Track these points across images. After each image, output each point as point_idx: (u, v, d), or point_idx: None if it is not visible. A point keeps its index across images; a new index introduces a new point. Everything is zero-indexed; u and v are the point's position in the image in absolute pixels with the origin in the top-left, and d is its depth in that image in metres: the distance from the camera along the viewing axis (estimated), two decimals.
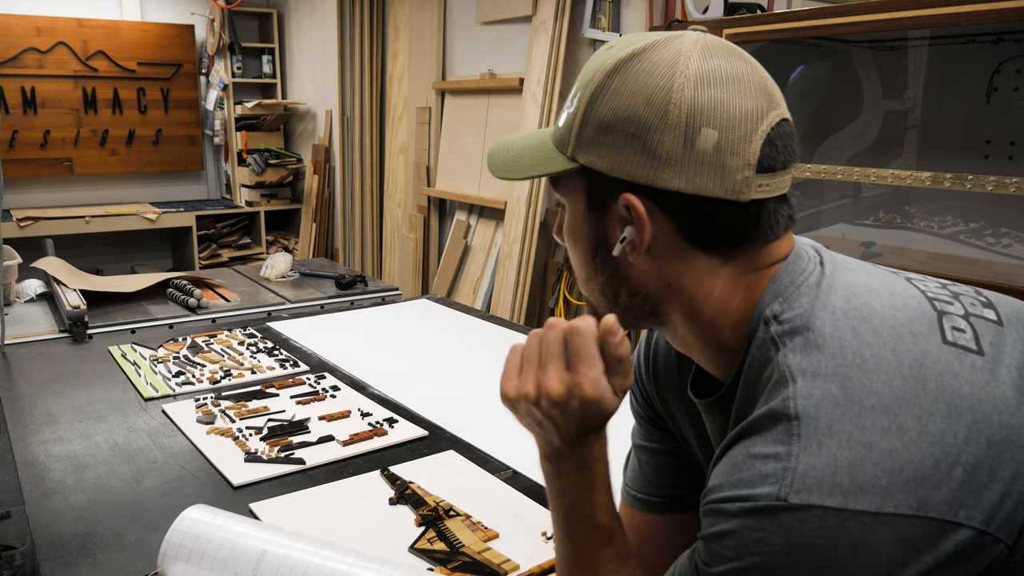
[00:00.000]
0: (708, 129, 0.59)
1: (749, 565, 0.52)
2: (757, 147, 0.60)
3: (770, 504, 0.52)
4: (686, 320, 0.66)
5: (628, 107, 0.61)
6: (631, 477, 0.85)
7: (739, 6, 2.50)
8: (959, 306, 0.60)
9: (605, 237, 0.65)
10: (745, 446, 0.56)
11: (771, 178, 0.61)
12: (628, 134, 0.61)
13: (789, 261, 0.64)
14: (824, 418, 0.53)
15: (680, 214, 0.61)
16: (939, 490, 0.50)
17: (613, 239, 0.65)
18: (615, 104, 0.61)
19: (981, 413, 0.53)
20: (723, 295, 0.64)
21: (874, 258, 2.29)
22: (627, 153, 0.61)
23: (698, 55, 0.61)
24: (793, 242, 0.66)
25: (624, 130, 0.61)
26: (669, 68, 0.60)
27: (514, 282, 3.63)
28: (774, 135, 0.61)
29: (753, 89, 0.61)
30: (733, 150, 0.59)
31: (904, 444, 0.51)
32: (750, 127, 0.60)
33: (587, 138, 0.63)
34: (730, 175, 0.60)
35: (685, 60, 0.60)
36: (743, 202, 0.60)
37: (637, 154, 0.61)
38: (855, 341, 0.56)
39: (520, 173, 0.69)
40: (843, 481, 0.51)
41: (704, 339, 0.67)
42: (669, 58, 0.61)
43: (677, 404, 0.79)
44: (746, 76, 0.61)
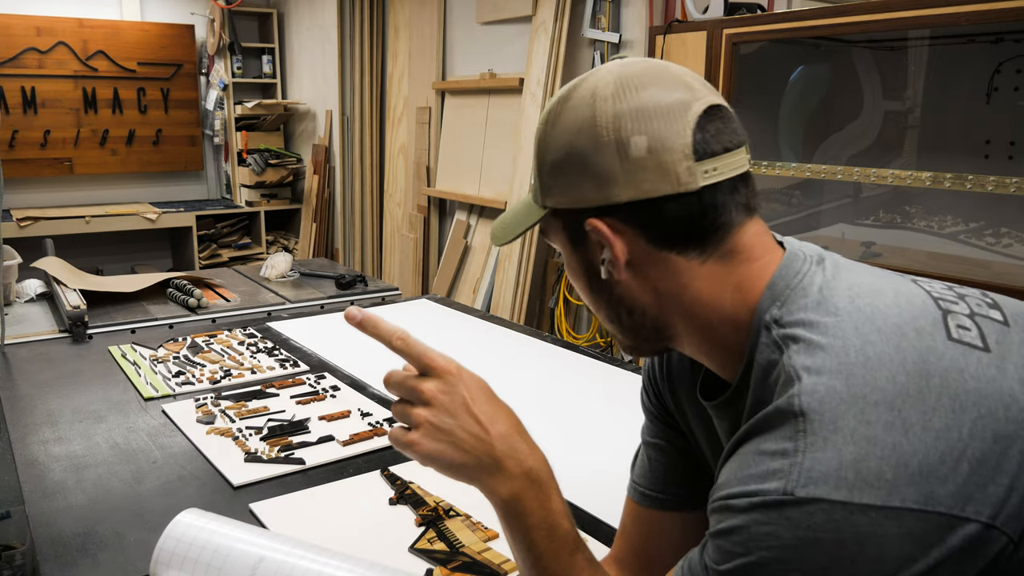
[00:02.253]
0: (636, 136, 0.62)
1: (758, 560, 0.53)
2: (688, 137, 0.62)
3: (777, 499, 0.52)
4: (686, 326, 0.68)
5: (566, 144, 0.66)
6: (639, 474, 0.85)
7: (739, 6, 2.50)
8: (964, 306, 0.61)
9: (592, 265, 0.69)
10: (753, 444, 0.57)
11: (715, 162, 0.63)
12: (574, 168, 0.65)
13: (783, 264, 0.64)
14: (829, 414, 0.53)
15: (641, 222, 0.64)
16: (945, 484, 0.51)
17: (598, 265, 0.68)
18: (556, 146, 0.67)
19: (986, 408, 0.53)
20: (712, 294, 0.65)
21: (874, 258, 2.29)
22: (578, 184, 0.65)
23: (612, 78, 0.65)
24: (770, 234, 0.68)
25: (570, 165, 0.66)
26: (589, 98, 0.65)
27: (514, 282, 3.63)
28: (704, 121, 0.63)
29: (670, 87, 0.64)
30: (665, 147, 0.62)
31: (909, 439, 0.52)
32: (675, 121, 0.63)
33: (547, 184, 0.68)
34: (671, 170, 0.62)
35: (602, 86, 0.65)
36: (695, 191, 0.62)
37: (586, 181, 0.65)
38: (858, 339, 0.56)
39: (511, 234, 0.74)
40: (848, 475, 0.51)
41: (707, 342, 0.67)
42: (588, 90, 0.66)
43: (688, 404, 0.79)
44: (660, 78, 0.65)
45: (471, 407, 0.68)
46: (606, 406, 1.56)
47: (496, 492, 0.69)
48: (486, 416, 0.69)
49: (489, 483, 0.69)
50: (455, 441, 0.68)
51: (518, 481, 0.68)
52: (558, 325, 3.56)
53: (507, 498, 0.69)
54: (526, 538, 0.69)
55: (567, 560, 0.69)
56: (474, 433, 0.68)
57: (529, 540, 0.69)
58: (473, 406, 0.68)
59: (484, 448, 0.68)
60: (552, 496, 0.70)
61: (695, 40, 2.44)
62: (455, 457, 0.68)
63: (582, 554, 0.70)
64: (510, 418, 0.71)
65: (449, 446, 0.68)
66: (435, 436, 0.68)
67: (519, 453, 0.69)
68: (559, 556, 0.69)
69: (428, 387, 0.69)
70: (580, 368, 1.79)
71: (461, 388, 0.69)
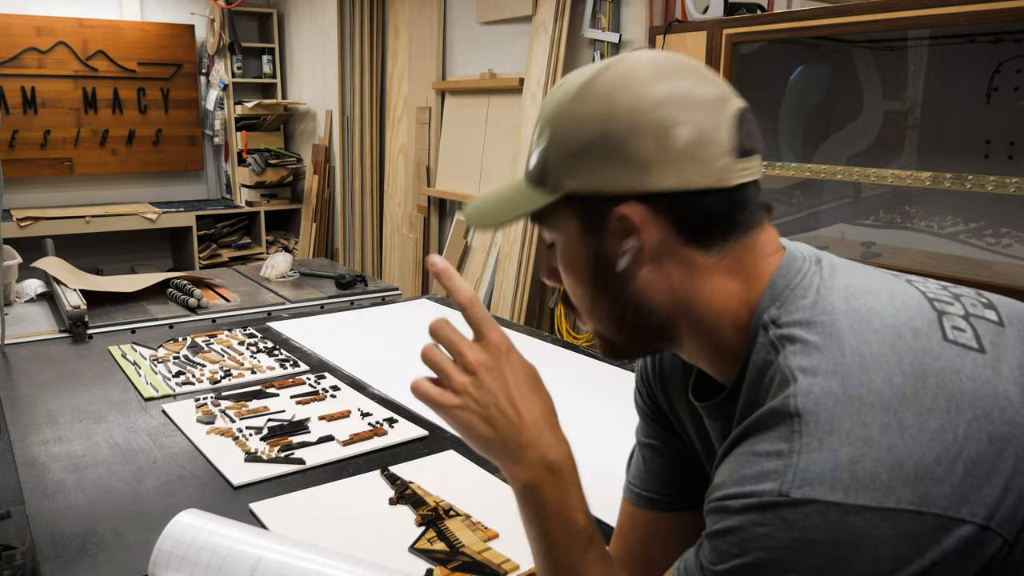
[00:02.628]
0: (680, 126, 0.61)
1: (754, 561, 0.53)
2: (728, 133, 0.62)
3: (772, 499, 0.52)
4: (691, 328, 0.67)
5: (597, 126, 0.63)
6: (635, 474, 0.85)
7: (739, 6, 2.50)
8: (959, 306, 0.61)
9: (605, 257, 0.66)
10: (748, 445, 0.56)
11: (748, 162, 0.63)
12: (605, 151, 0.62)
13: (783, 263, 0.64)
14: (825, 415, 0.53)
15: (675, 212, 0.62)
16: (940, 486, 0.51)
17: (614, 257, 0.65)
18: (584, 127, 0.63)
19: (982, 409, 0.53)
20: (723, 296, 0.64)
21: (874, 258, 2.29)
22: (609, 168, 0.62)
23: (646, 63, 0.64)
24: (778, 237, 0.68)
25: (600, 148, 0.62)
26: (623, 81, 0.63)
27: (514, 282, 3.63)
28: (740, 120, 0.63)
29: (704, 81, 0.64)
30: (708, 140, 0.61)
31: (904, 440, 0.52)
32: (716, 116, 0.62)
33: (565, 165, 0.64)
34: (712, 164, 0.61)
35: (636, 70, 0.63)
36: (729, 188, 0.62)
37: (619, 166, 0.62)
38: (854, 340, 0.56)
39: (503, 217, 0.69)
40: (843, 476, 0.51)
41: (708, 344, 0.67)
42: (622, 73, 0.63)
43: (681, 404, 0.79)
44: (696, 75, 0.64)
45: (511, 389, 0.69)
46: (606, 406, 1.56)
47: (515, 476, 0.70)
48: (523, 401, 0.69)
49: (510, 466, 0.69)
50: (488, 417, 0.68)
51: (537, 470, 0.69)
52: (558, 325, 3.56)
53: (525, 484, 0.69)
54: (541, 527, 0.70)
55: (580, 554, 0.69)
56: (507, 415, 0.68)
57: (544, 529, 0.70)
58: (513, 389, 0.69)
59: (512, 431, 0.68)
60: (571, 490, 0.70)
61: (695, 40, 2.44)
62: (484, 431, 0.68)
63: (596, 550, 0.70)
64: (546, 408, 0.71)
65: (481, 420, 0.68)
66: (471, 407, 0.68)
67: (544, 443, 0.69)
68: (572, 549, 0.69)
69: (476, 357, 0.69)
70: (580, 368, 1.79)
71: (506, 368, 0.69)
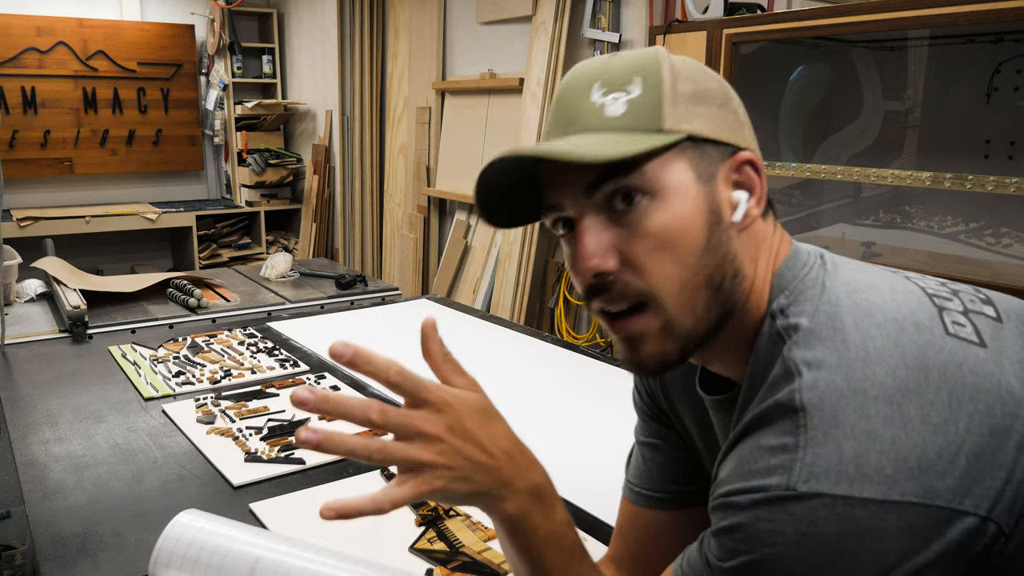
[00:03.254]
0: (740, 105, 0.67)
1: (762, 557, 0.53)
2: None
3: (779, 494, 0.52)
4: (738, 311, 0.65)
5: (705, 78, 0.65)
6: (634, 473, 0.85)
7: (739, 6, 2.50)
8: (958, 302, 0.61)
9: (720, 210, 0.63)
10: (753, 440, 0.57)
11: None
12: (719, 101, 0.65)
13: (790, 256, 0.65)
14: (829, 409, 0.53)
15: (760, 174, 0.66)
16: (944, 479, 0.51)
17: (727, 209, 0.63)
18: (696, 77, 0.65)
19: (984, 403, 0.53)
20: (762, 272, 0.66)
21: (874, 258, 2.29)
22: (722, 119, 0.65)
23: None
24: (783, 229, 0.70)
25: (715, 98, 0.65)
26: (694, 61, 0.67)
27: (514, 282, 3.63)
28: None
29: None
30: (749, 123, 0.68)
31: (908, 433, 0.52)
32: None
33: (682, 110, 0.62)
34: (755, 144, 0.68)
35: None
36: None
37: (731, 119, 0.65)
38: (858, 335, 0.56)
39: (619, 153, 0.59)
40: (849, 470, 0.51)
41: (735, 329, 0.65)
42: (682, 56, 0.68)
43: (682, 401, 0.79)
44: None
45: (475, 436, 0.63)
46: (606, 406, 1.56)
47: (503, 511, 0.65)
48: (490, 440, 0.64)
49: (496, 504, 0.65)
50: (465, 476, 0.62)
51: (524, 498, 0.66)
52: (558, 325, 3.56)
53: (514, 516, 0.66)
54: (533, 552, 0.67)
55: (575, 571, 0.68)
56: (481, 463, 0.63)
57: (536, 554, 0.67)
58: (477, 434, 0.63)
59: (493, 475, 0.64)
60: (556, 508, 0.68)
61: (695, 40, 2.44)
62: (465, 488, 0.63)
63: (586, 561, 0.70)
64: (508, 435, 0.67)
65: (460, 481, 0.62)
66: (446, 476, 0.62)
67: (523, 470, 0.66)
68: (567, 569, 0.68)
69: (434, 426, 0.61)
70: (580, 368, 1.79)
71: (463, 417, 0.63)
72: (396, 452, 0.60)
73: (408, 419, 0.61)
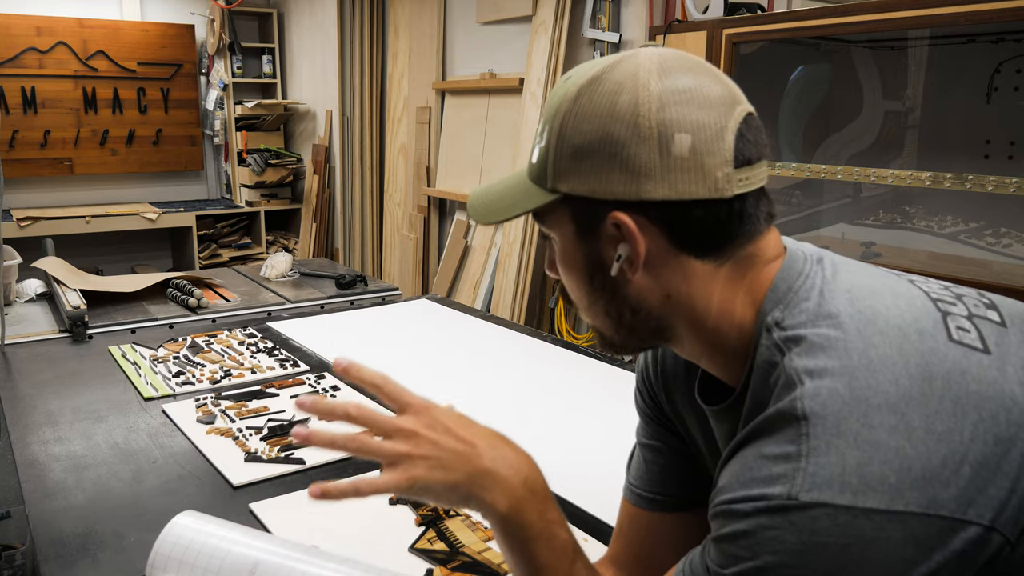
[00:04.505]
0: (681, 134, 0.60)
1: (764, 564, 0.53)
2: (731, 143, 0.61)
3: (782, 503, 0.52)
4: (691, 331, 0.66)
5: (598, 128, 0.61)
6: (635, 475, 0.85)
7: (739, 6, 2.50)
8: (962, 307, 0.61)
9: (600, 260, 0.65)
10: (755, 448, 0.56)
11: (750, 171, 0.62)
12: (604, 154, 0.61)
13: (784, 266, 0.64)
14: (832, 418, 0.53)
15: (669, 222, 0.62)
16: (948, 488, 0.51)
17: (608, 260, 0.65)
18: (585, 128, 0.62)
19: (988, 411, 0.53)
20: (723, 300, 0.64)
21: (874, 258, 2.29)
22: (606, 173, 0.61)
23: (655, 66, 0.62)
24: (781, 241, 0.67)
25: (600, 151, 0.61)
26: (631, 83, 0.61)
27: (514, 282, 3.63)
28: (744, 129, 0.62)
29: (715, 87, 0.62)
30: (708, 149, 0.60)
31: (912, 443, 0.52)
32: (720, 124, 0.61)
33: (564, 167, 0.64)
34: (710, 174, 0.60)
35: (644, 73, 0.61)
36: (727, 199, 0.61)
37: (616, 172, 0.61)
38: (860, 342, 0.56)
39: (503, 215, 0.69)
40: (852, 480, 0.51)
41: (711, 347, 0.66)
42: (629, 74, 0.62)
43: (684, 404, 0.79)
44: (706, 75, 0.63)
45: (451, 429, 0.67)
46: (606, 406, 1.56)
47: (495, 506, 0.66)
48: (467, 432, 0.67)
49: (486, 498, 0.66)
50: (441, 463, 0.65)
51: (517, 491, 0.66)
52: (558, 325, 3.56)
53: (507, 511, 0.66)
54: (526, 551, 0.67)
55: (567, 570, 0.68)
56: (458, 451, 0.65)
57: (529, 552, 0.67)
58: (454, 427, 0.67)
59: (473, 462, 0.65)
60: (549, 506, 0.68)
61: (695, 40, 2.44)
62: (443, 478, 0.64)
63: (581, 561, 0.70)
64: (492, 433, 0.69)
65: (436, 470, 0.64)
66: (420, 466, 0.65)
67: (509, 460, 0.67)
68: (559, 567, 0.68)
69: (405, 422, 0.66)
70: (580, 368, 1.79)
71: (440, 416, 0.68)
72: (371, 444, 0.66)
73: (387, 418, 0.67)
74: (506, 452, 0.68)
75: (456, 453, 0.66)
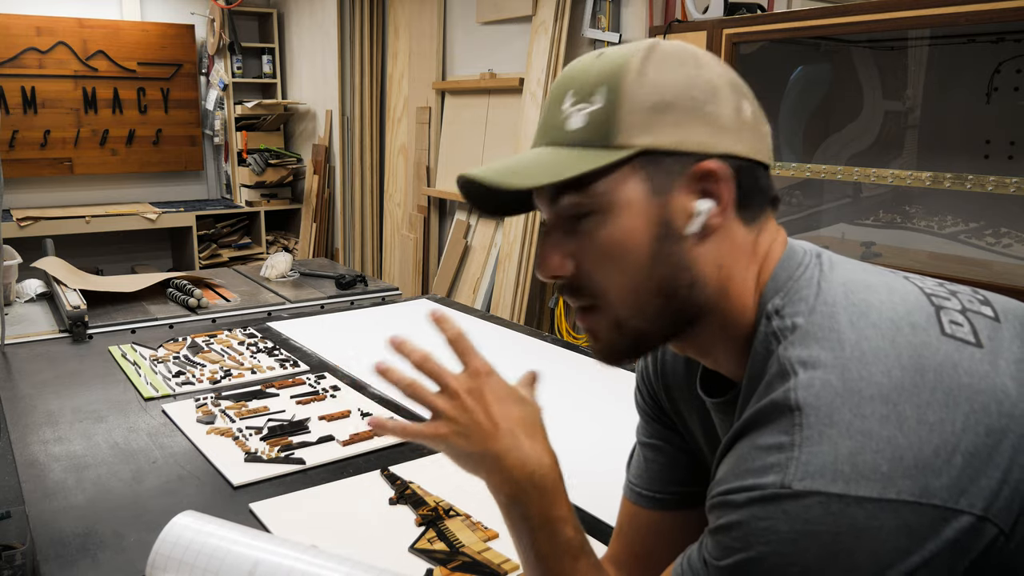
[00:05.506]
0: (745, 100, 0.64)
1: (757, 555, 0.53)
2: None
3: (774, 492, 0.52)
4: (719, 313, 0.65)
5: (679, 83, 0.62)
6: (636, 474, 0.85)
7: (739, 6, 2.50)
8: (956, 302, 0.61)
9: (673, 219, 0.62)
10: (750, 439, 0.57)
11: None
12: (686, 109, 0.62)
13: (785, 256, 0.65)
14: (825, 408, 0.53)
15: (743, 180, 0.63)
16: (940, 477, 0.51)
17: (681, 221, 0.62)
18: (664, 83, 0.62)
19: (979, 403, 0.53)
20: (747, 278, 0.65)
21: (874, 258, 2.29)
22: (690, 125, 0.62)
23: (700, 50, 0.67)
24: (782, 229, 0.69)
25: (682, 106, 0.62)
26: (692, 54, 0.65)
27: (514, 282, 3.63)
28: None
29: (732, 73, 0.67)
30: (763, 119, 0.66)
31: (903, 432, 0.52)
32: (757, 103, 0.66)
33: (640, 121, 0.62)
34: (766, 141, 0.65)
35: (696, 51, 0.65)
36: (769, 166, 0.66)
37: (700, 125, 0.62)
38: (854, 335, 0.56)
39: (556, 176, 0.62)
40: (844, 468, 0.51)
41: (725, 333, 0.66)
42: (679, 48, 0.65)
43: (684, 401, 0.79)
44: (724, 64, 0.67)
45: (489, 404, 0.70)
46: (606, 406, 1.56)
47: (498, 488, 0.70)
48: (501, 413, 0.70)
49: (491, 479, 0.70)
50: (466, 432, 0.70)
51: (519, 483, 0.69)
52: (558, 325, 3.56)
53: (507, 498, 0.70)
54: (527, 538, 0.70)
55: (570, 564, 0.69)
56: (483, 427, 0.69)
57: (531, 540, 0.70)
58: (492, 404, 0.71)
59: (488, 442, 0.69)
60: (556, 503, 0.70)
61: (695, 40, 2.44)
62: (461, 445, 0.70)
63: (587, 560, 0.70)
64: (527, 419, 0.72)
65: (459, 436, 0.70)
66: (451, 427, 0.70)
67: (522, 452, 0.69)
68: (562, 560, 0.69)
69: (458, 382, 0.71)
70: (580, 368, 1.79)
71: (485, 387, 0.71)
72: (422, 392, 0.72)
73: (445, 372, 0.72)
74: (524, 443, 0.70)
75: (477, 427, 0.70)
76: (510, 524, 0.71)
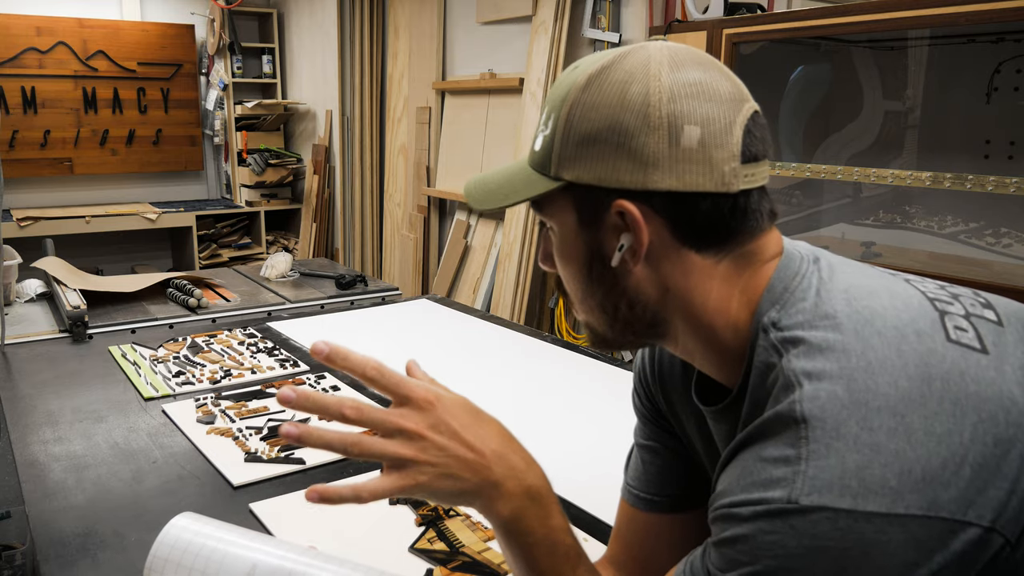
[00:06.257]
0: (690, 126, 0.60)
1: (764, 569, 0.52)
2: (738, 138, 0.61)
3: (781, 507, 0.52)
4: (686, 326, 0.66)
5: (608, 116, 0.61)
6: (633, 476, 0.85)
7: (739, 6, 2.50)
8: (959, 306, 0.60)
9: (600, 250, 0.65)
10: (754, 451, 0.56)
11: (755, 168, 0.62)
12: (612, 143, 0.61)
13: (781, 265, 0.64)
14: (831, 421, 0.53)
15: (673, 214, 0.61)
16: (948, 490, 0.51)
17: (609, 251, 0.64)
18: (594, 116, 0.62)
19: (987, 412, 0.53)
20: (720, 297, 0.64)
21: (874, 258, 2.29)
22: (614, 161, 0.61)
23: (667, 58, 0.62)
24: (781, 240, 0.67)
25: (608, 140, 0.61)
26: (642, 73, 0.61)
27: (514, 282, 3.63)
28: (751, 125, 0.62)
29: (724, 83, 0.62)
30: (717, 143, 0.60)
31: (911, 445, 0.51)
32: (729, 119, 0.61)
33: (570, 154, 0.63)
34: (717, 168, 0.60)
35: (656, 64, 0.61)
36: (732, 193, 0.61)
37: (624, 160, 0.61)
38: (859, 344, 0.55)
39: (503, 201, 0.68)
40: (852, 483, 0.51)
41: (705, 345, 0.66)
42: (640, 64, 0.62)
43: (681, 405, 0.78)
44: (715, 70, 0.63)
45: (460, 435, 0.65)
46: (606, 406, 1.56)
47: (497, 512, 0.66)
48: (477, 439, 0.65)
49: (489, 505, 0.66)
50: (449, 472, 0.64)
51: (518, 500, 0.66)
52: (558, 325, 3.56)
53: (508, 518, 0.66)
54: (527, 556, 0.68)
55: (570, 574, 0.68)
56: (468, 460, 0.65)
57: (530, 557, 0.67)
58: (462, 432, 0.65)
59: (482, 473, 0.65)
60: (552, 512, 0.68)
61: (695, 40, 2.44)
62: (452, 486, 0.64)
63: (583, 566, 0.70)
64: (501, 435, 0.68)
65: (444, 479, 0.64)
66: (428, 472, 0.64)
67: (517, 471, 0.67)
68: (562, 572, 0.68)
69: (414, 423, 0.64)
70: (580, 368, 1.79)
71: (446, 416, 0.65)
72: (373, 446, 0.63)
73: (388, 416, 0.64)
74: (513, 460, 0.67)
75: (464, 462, 0.64)
76: (508, 544, 0.68)
